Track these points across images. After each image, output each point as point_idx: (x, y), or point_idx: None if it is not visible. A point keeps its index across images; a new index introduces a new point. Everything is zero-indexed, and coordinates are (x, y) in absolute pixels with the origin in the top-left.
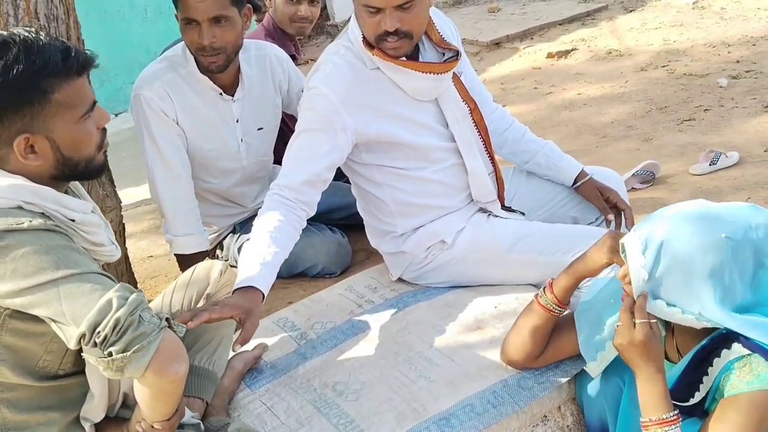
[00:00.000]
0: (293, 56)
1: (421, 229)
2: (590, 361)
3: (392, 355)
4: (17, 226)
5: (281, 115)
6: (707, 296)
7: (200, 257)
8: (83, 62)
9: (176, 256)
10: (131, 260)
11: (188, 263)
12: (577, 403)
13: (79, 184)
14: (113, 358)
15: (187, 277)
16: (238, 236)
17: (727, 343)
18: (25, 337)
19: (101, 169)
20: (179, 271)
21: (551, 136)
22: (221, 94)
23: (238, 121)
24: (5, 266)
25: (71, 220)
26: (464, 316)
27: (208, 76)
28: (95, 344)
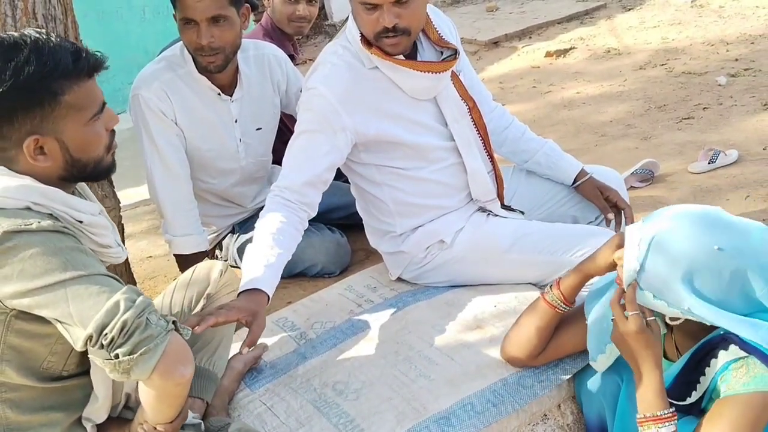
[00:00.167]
0: (291, 56)
1: (420, 228)
2: (599, 354)
3: (392, 354)
4: (26, 227)
5: (280, 115)
6: (686, 296)
7: (199, 257)
8: (93, 64)
9: (175, 256)
10: (130, 261)
11: (187, 263)
12: (576, 401)
13: (85, 185)
14: (120, 360)
15: (187, 277)
16: (237, 236)
17: (724, 344)
18: (30, 338)
19: (109, 170)
20: (178, 271)
21: (550, 135)
22: (219, 94)
23: (236, 121)
24: (13, 267)
25: (79, 221)
26: (464, 315)
27: (206, 76)
28: (102, 346)
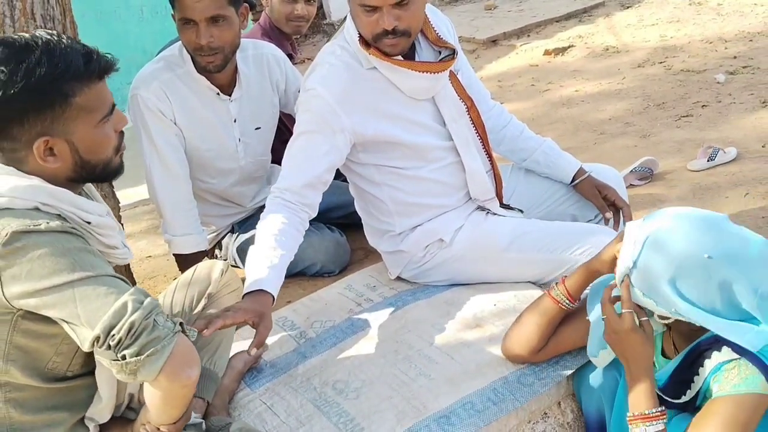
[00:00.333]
0: (290, 55)
1: (419, 227)
2: (601, 350)
3: (392, 353)
4: (34, 227)
5: (279, 114)
6: (673, 299)
7: (199, 257)
8: (104, 66)
9: (175, 256)
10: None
11: (187, 263)
12: (576, 399)
13: (92, 186)
14: (127, 361)
15: (188, 277)
16: (236, 236)
17: (717, 345)
18: (36, 338)
19: (117, 171)
20: (178, 271)
21: (549, 133)
22: (218, 93)
23: (235, 120)
24: (21, 267)
25: (87, 222)
26: (463, 314)
27: (205, 76)
28: (109, 347)
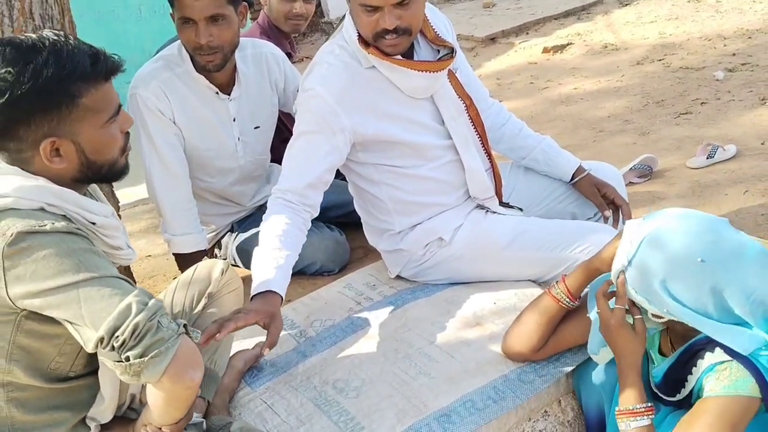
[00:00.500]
0: (289, 54)
1: (418, 226)
2: (602, 347)
3: (392, 352)
4: (40, 228)
5: (278, 113)
6: (665, 299)
7: (199, 256)
8: (111, 67)
9: (174, 255)
10: None
11: (187, 262)
12: (576, 397)
13: (96, 187)
14: (131, 362)
15: (188, 276)
16: (236, 235)
17: (710, 346)
18: (39, 338)
19: (123, 172)
20: (178, 270)
21: (548, 131)
22: (218, 93)
23: (234, 120)
24: (26, 267)
25: (92, 223)
26: (463, 312)
27: (204, 75)
28: (113, 348)
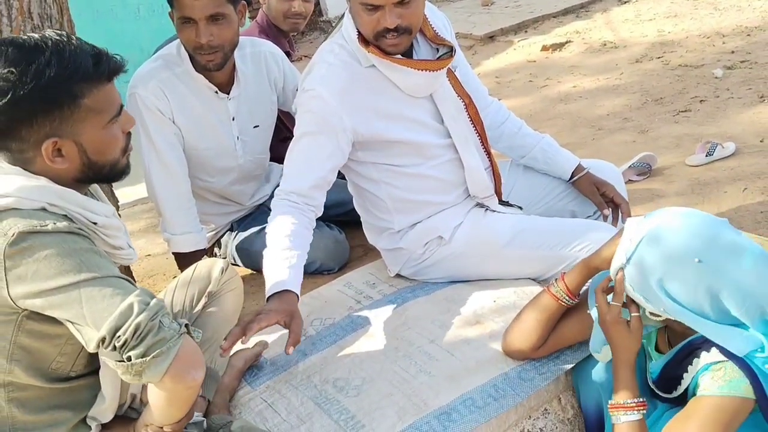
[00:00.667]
0: (288, 53)
1: (418, 225)
2: (603, 345)
3: (392, 350)
4: (41, 228)
5: (277, 112)
6: (662, 298)
7: (198, 255)
8: (113, 67)
9: (174, 254)
10: None
11: (186, 262)
12: (576, 395)
13: (98, 187)
14: (132, 362)
15: (188, 275)
16: (235, 234)
17: (707, 345)
18: (40, 338)
19: (124, 172)
20: (177, 269)
21: (547, 129)
22: (217, 92)
23: (233, 119)
24: (27, 267)
25: (93, 223)
26: (463, 310)
27: (203, 74)
28: (115, 348)
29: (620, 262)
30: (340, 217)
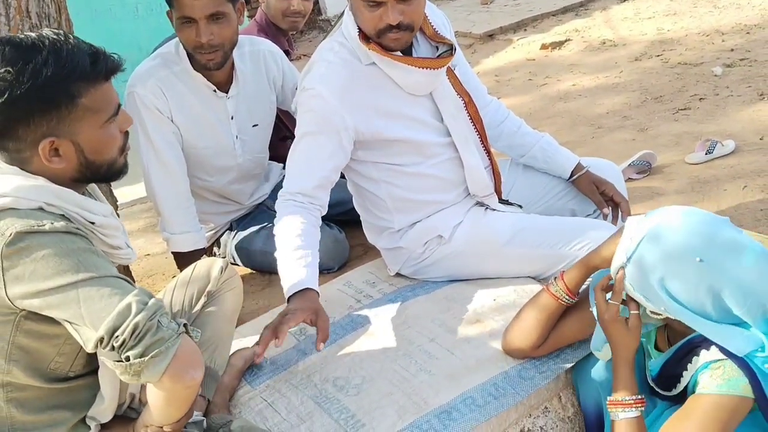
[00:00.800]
0: (286, 51)
1: (418, 224)
2: (605, 343)
3: (392, 349)
4: (39, 227)
5: (276, 111)
6: (663, 297)
7: (197, 255)
8: (111, 67)
9: (173, 254)
10: None
11: (185, 261)
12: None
13: (96, 186)
14: (131, 362)
15: (187, 275)
16: (235, 233)
17: (706, 344)
18: (39, 338)
19: (122, 171)
20: (177, 269)
21: (546, 127)
22: (215, 91)
23: (232, 118)
24: (25, 267)
25: (91, 222)
26: (463, 309)
27: (202, 73)
28: (113, 348)
29: (620, 261)
30: (339, 216)
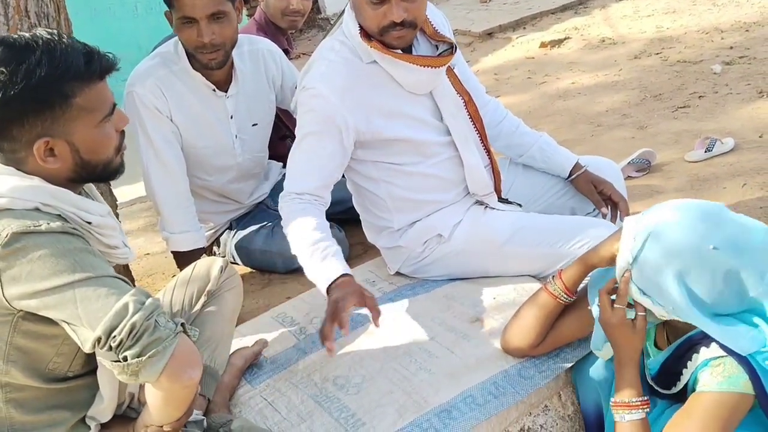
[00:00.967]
0: (286, 50)
1: (417, 223)
2: (605, 342)
3: (392, 348)
4: (35, 228)
5: (276, 110)
6: (676, 295)
7: (197, 254)
8: (105, 66)
9: (173, 253)
10: None
11: (185, 260)
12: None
13: (93, 186)
14: (128, 362)
15: (187, 274)
16: (234, 233)
17: (706, 341)
18: (36, 339)
19: (118, 171)
20: (176, 268)
21: (546, 125)
22: (215, 90)
23: (232, 117)
24: (21, 268)
25: (88, 222)
26: (463, 308)
27: (201, 72)
28: (110, 348)
29: (626, 262)
30: (339, 215)
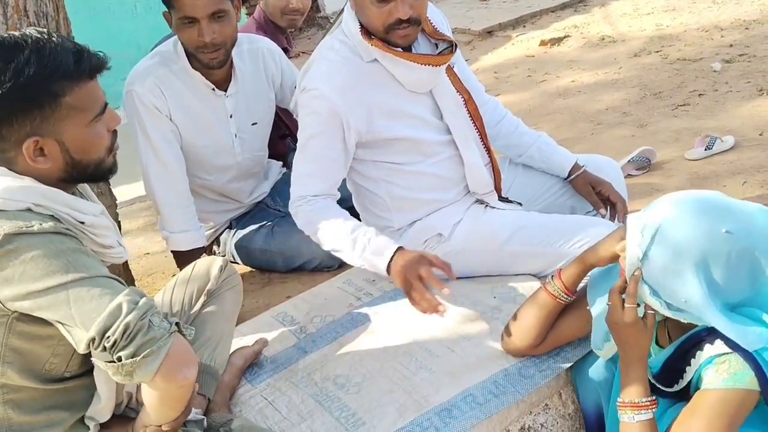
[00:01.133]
0: (285, 49)
1: (417, 223)
2: (606, 342)
3: (392, 347)
4: (27, 229)
5: (275, 109)
6: (693, 287)
7: (197, 254)
8: (95, 65)
9: (173, 252)
10: (128, 258)
11: (185, 260)
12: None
13: (87, 186)
14: (123, 363)
15: (187, 273)
16: (234, 232)
17: (710, 338)
18: (31, 340)
19: (110, 171)
20: (176, 267)
21: (545, 124)
22: (214, 89)
23: (231, 116)
24: (14, 269)
25: (81, 222)
26: (463, 307)
27: (201, 71)
28: (105, 349)
29: (635, 258)
30: None
